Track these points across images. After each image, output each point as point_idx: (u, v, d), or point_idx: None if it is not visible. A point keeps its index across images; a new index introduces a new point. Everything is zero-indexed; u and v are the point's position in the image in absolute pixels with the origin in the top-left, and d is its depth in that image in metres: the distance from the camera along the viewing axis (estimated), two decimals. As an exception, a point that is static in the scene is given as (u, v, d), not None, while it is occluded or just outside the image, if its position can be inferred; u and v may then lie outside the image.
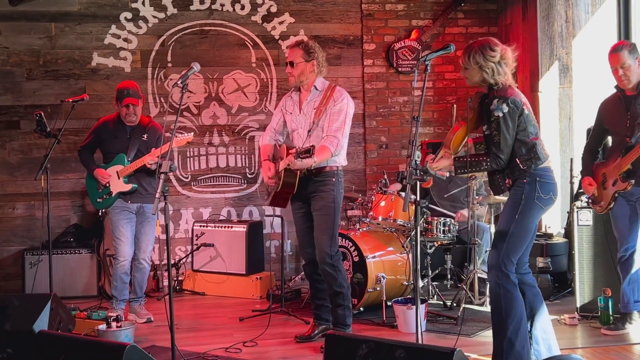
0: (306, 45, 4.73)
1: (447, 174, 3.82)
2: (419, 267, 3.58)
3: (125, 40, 6.89)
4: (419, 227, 5.03)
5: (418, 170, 3.43)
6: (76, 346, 3.33)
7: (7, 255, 6.71)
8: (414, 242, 5.72)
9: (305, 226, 4.85)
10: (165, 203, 3.82)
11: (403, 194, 5.44)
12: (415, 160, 3.42)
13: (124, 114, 5.43)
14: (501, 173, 3.91)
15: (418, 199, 3.54)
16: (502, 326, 3.81)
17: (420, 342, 3.56)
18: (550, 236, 6.19)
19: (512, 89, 3.88)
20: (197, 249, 6.59)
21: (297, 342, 4.80)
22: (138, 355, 3.21)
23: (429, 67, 3.68)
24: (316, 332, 4.87)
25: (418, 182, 3.53)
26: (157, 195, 3.82)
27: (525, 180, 3.83)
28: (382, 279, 5.39)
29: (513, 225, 3.81)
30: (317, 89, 4.75)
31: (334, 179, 4.69)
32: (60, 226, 6.79)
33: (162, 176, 3.87)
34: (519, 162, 3.83)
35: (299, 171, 4.58)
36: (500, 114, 3.76)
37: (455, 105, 4.34)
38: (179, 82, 4.05)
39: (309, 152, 4.25)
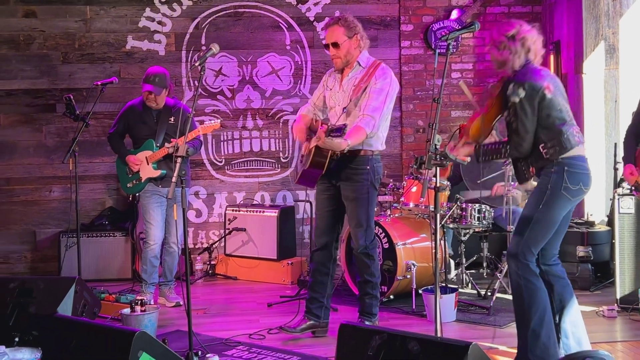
0: (345, 20, 4.41)
1: (469, 159, 3.65)
2: (438, 255, 3.44)
3: (160, 23, 6.87)
4: (441, 214, 4.89)
5: (437, 155, 3.28)
6: (88, 331, 3.31)
7: (45, 237, 6.80)
8: (445, 229, 5.59)
9: (327, 210, 4.58)
10: (182, 187, 3.75)
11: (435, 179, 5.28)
12: (435, 145, 3.26)
13: (145, 98, 5.41)
14: (525, 161, 3.73)
15: (438, 184, 3.38)
16: (526, 317, 3.65)
17: (440, 332, 3.43)
18: (592, 224, 5.95)
19: (534, 72, 3.67)
20: (229, 233, 6.56)
21: (281, 330, 4.57)
22: (148, 341, 3.17)
23: (451, 47, 3.47)
24: (302, 326, 4.58)
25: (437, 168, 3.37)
26: (174, 179, 3.75)
27: (552, 170, 3.63)
28: (412, 266, 5.26)
29: (536, 215, 3.63)
30: (360, 65, 4.43)
31: (368, 166, 4.40)
32: (96, 209, 6.86)
33: (179, 160, 3.80)
34: (542, 150, 3.64)
35: (330, 152, 4.25)
36: (517, 99, 3.57)
37: (462, 82, 4.09)
38: (196, 63, 3.95)
39: (340, 130, 3.98)
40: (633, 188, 4.78)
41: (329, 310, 4.70)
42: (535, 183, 4.75)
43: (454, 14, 7.08)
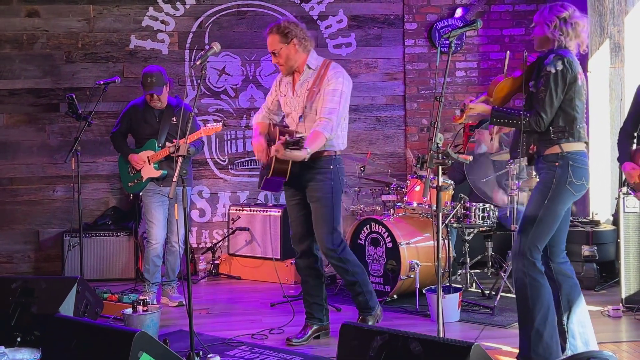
0: (279, 27, 4.31)
1: (471, 158, 3.62)
2: (441, 254, 3.41)
3: (163, 22, 6.86)
4: (445, 213, 4.86)
5: (439, 154, 3.25)
6: (88, 331, 3.30)
7: (48, 237, 6.80)
8: (449, 229, 5.56)
9: (298, 215, 4.49)
10: (183, 187, 3.73)
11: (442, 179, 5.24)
12: (437, 144, 3.23)
13: (148, 100, 5.40)
14: (529, 136, 3.66)
15: (440, 183, 3.35)
16: (529, 316, 3.61)
17: (442, 332, 3.40)
18: (597, 223, 5.91)
19: (574, 56, 3.65)
20: (232, 232, 6.54)
21: (289, 345, 4.44)
22: (148, 341, 3.15)
23: (453, 45, 3.44)
24: (309, 333, 4.51)
25: (440, 167, 3.33)
26: (175, 179, 3.73)
27: (557, 164, 3.60)
28: (415, 266, 5.23)
29: (542, 211, 3.59)
30: (310, 68, 4.34)
31: (331, 167, 4.33)
32: (99, 209, 6.86)
33: (180, 159, 3.78)
34: (551, 130, 3.60)
35: (300, 160, 4.13)
36: (553, 70, 3.53)
37: (508, 52, 4.01)
38: (197, 62, 3.92)
39: (297, 143, 3.91)
40: (631, 188, 4.74)
41: (328, 311, 4.67)
42: (537, 179, 4.73)
43: (458, 12, 7.05)
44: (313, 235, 4.47)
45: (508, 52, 4.17)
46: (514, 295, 5.28)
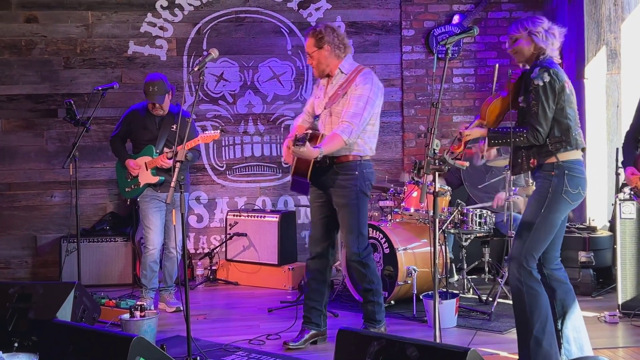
0: (314, 31, 4.44)
1: (467, 164, 3.63)
2: (438, 260, 3.42)
3: (161, 28, 6.88)
4: (443, 219, 4.89)
5: (436, 160, 3.26)
6: (85, 337, 3.30)
7: (45, 242, 6.80)
8: (446, 234, 5.57)
9: (320, 217, 4.55)
10: (181, 192, 3.74)
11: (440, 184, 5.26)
12: (434, 150, 3.25)
13: (150, 108, 5.41)
14: (528, 150, 3.69)
15: (436, 189, 3.37)
16: (527, 324, 3.62)
17: (438, 338, 3.41)
18: (593, 229, 5.93)
19: (557, 66, 3.67)
20: (230, 238, 6.55)
21: (286, 349, 4.46)
22: (145, 346, 3.15)
23: (449, 52, 3.47)
24: (305, 337, 4.53)
25: (436, 173, 3.35)
26: (172, 184, 3.74)
27: (553, 173, 3.62)
28: (413, 272, 5.24)
29: (538, 220, 3.60)
30: (342, 72, 4.46)
31: (357, 172, 4.37)
32: (97, 214, 6.86)
33: (178, 165, 3.79)
34: (548, 142, 3.62)
35: (312, 159, 4.22)
36: (541, 83, 3.55)
37: (497, 65, 4.05)
38: (195, 68, 3.94)
39: (302, 140, 3.99)
40: (632, 193, 4.75)
41: (326, 317, 4.68)
42: (534, 187, 4.75)
43: (456, 19, 7.07)
44: (330, 239, 4.57)
45: (497, 65, 4.22)
46: (510, 302, 5.33)
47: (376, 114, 4.43)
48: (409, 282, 5.27)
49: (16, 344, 4.06)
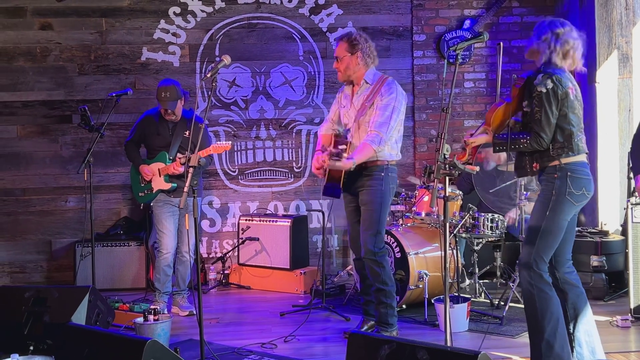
0: (349, 37, 4.63)
1: (477, 168, 3.65)
2: (447, 265, 3.44)
3: (174, 34, 6.94)
4: (454, 224, 4.90)
5: (446, 165, 3.29)
6: (100, 340, 3.34)
7: (60, 247, 6.87)
8: (458, 239, 5.58)
9: (354, 220, 4.75)
10: (194, 197, 3.78)
11: (450, 188, 5.28)
12: (444, 155, 3.27)
13: (163, 113, 5.46)
14: (531, 155, 3.72)
15: (447, 193, 3.39)
16: (539, 327, 3.63)
17: (449, 342, 3.43)
18: (605, 233, 5.92)
19: (562, 71, 3.68)
20: (242, 242, 6.59)
21: (346, 337, 4.60)
22: (159, 349, 3.20)
23: (460, 57, 3.49)
24: (365, 327, 4.78)
25: (447, 177, 3.37)
26: (185, 189, 3.78)
27: (555, 175, 3.63)
28: (424, 276, 5.25)
29: (545, 223, 3.62)
30: (367, 82, 4.62)
31: (382, 174, 4.57)
32: (111, 219, 6.92)
33: (191, 170, 3.83)
34: (551, 147, 3.65)
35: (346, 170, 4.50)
36: (544, 90, 3.58)
37: (515, 75, 4.08)
38: (208, 75, 3.99)
39: (339, 155, 4.24)
40: (643, 199, 4.76)
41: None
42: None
43: (467, 24, 7.09)
44: None
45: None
46: (522, 306, 5.33)
47: (401, 120, 4.62)
48: (420, 286, 5.29)
49: (32, 347, 4.12)
